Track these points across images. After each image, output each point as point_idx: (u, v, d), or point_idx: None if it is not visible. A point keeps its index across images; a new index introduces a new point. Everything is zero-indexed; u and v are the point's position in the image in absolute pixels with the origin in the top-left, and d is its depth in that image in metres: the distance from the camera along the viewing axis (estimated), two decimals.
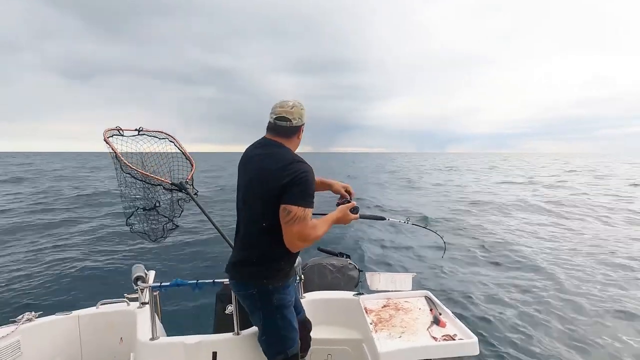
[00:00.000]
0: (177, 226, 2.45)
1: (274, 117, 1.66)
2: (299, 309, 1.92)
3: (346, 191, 1.92)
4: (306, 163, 1.61)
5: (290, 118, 1.64)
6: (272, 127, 1.68)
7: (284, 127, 1.65)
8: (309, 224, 1.51)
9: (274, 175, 1.53)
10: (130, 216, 2.31)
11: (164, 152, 2.44)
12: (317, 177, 1.90)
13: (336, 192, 1.93)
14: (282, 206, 1.50)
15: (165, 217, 2.39)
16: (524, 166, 48.53)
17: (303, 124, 1.70)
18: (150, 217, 2.37)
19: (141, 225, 2.36)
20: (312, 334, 2.01)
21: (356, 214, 1.77)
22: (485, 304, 4.63)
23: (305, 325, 1.95)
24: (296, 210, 1.48)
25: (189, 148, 2.53)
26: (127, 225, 2.34)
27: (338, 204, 1.85)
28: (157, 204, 2.34)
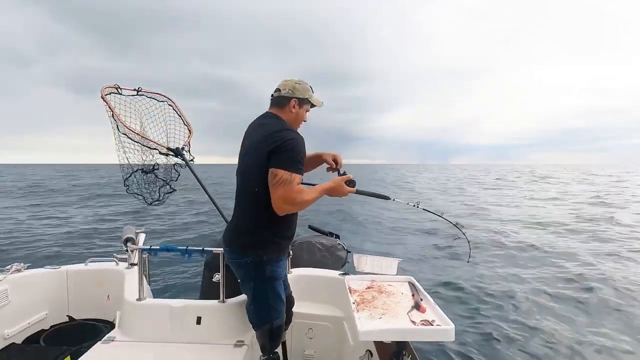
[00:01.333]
0: (174, 190, 2.44)
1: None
2: (285, 285, 1.95)
3: (334, 160, 1.90)
4: (296, 132, 1.66)
5: (280, 88, 1.73)
6: (270, 100, 1.78)
7: (274, 97, 1.75)
8: (294, 188, 1.53)
9: (263, 142, 1.58)
10: (129, 177, 2.30)
11: (162, 115, 2.40)
12: (311, 154, 1.91)
13: (325, 160, 1.92)
14: (270, 170, 1.54)
15: (163, 180, 2.38)
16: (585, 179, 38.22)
17: (295, 98, 1.72)
18: (148, 180, 2.36)
19: (138, 188, 2.36)
20: (295, 308, 2.06)
21: (353, 187, 1.75)
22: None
23: (290, 301, 1.99)
24: (282, 173, 1.51)
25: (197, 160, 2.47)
26: (124, 185, 2.34)
27: (328, 170, 1.85)
28: (156, 167, 2.33)
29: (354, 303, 1.79)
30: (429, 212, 2.05)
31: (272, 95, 1.76)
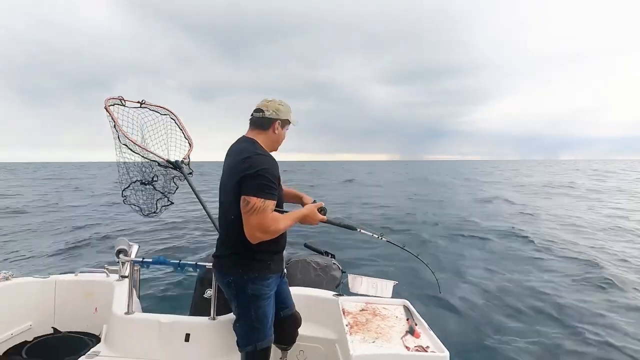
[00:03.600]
0: (172, 203, 2.43)
1: (253, 110, 1.73)
2: (288, 304, 1.93)
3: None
4: (269, 156, 1.64)
5: (263, 109, 1.70)
6: (250, 120, 1.74)
7: (257, 118, 1.70)
8: (268, 216, 1.51)
9: (237, 168, 1.57)
10: (127, 187, 2.29)
11: (165, 128, 2.41)
12: (290, 188, 1.94)
13: (305, 204, 1.93)
14: (242, 197, 1.51)
15: (161, 192, 2.38)
16: None
17: (278, 120, 1.70)
18: (146, 192, 2.36)
19: (136, 199, 2.35)
20: None
21: (324, 215, 1.77)
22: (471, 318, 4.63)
23: (296, 321, 1.97)
24: (255, 201, 1.48)
25: (281, 157, 2.43)
26: (122, 196, 2.33)
27: None
28: (155, 179, 2.33)
29: (347, 325, 1.75)
30: (393, 244, 2.00)
31: (252, 116, 1.72)
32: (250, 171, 1.52)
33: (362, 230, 1.90)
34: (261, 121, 1.70)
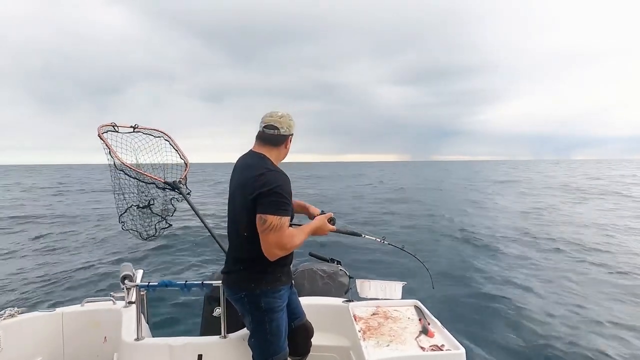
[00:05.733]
0: (170, 225, 2.43)
1: (263, 125, 1.68)
2: (298, 314, 1.92)
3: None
4: (281, 172, 1.62)
5: (278, 127, 1.66)
6: (260, 136, 1.70)
7: (271, 135, 1.67)
8: (286, 233, 1.52)
9: (250, 185, 1.55)
10: (124, 213, 2.29)
11: (159, 151, 2.42)
12: (296, 200, 1.92)
13: (311, 216, 1.95)
14: (258, 215, 1.50)
15: (159, 215, 2.37)
16: None
17: (291, 135, 1.71)
18: (144, 215, 2.35)
19: (134, 223, 2.34)
20: None
21: (333, 225, 1.81)
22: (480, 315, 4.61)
23: (307, 331, 1.95)
24: (272, 219, 1.48)
25: (290, 158, 2.41)
26: (119, 222, 2.32)
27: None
28: (152, 202, 2.33)
29: (360, 331, 1.74)
30: (394, 246, 2.09)
31: (263, 131, 1.68)
32: (264, 188, 1.50)
33: (366, 236, 1.99)
34: (276, 139, 1.67)
